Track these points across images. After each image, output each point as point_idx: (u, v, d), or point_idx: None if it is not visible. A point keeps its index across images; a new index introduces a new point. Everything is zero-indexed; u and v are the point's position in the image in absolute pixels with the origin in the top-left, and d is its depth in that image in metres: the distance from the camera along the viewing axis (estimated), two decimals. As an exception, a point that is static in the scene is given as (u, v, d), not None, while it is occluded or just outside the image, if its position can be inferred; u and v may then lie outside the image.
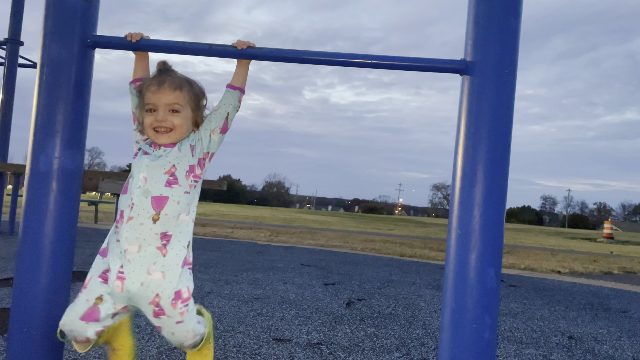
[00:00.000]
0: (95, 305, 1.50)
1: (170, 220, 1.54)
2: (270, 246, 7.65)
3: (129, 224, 1.51)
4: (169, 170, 1.57)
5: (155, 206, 1.53)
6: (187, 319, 1.54)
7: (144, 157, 1.60)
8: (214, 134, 1.66)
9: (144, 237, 1.51)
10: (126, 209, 1.53)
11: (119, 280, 1.50)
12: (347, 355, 2.23)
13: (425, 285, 4.64)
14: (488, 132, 1.61)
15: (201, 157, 1.64)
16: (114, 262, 1.52)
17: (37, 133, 1.68)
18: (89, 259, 4.57)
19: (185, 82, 1.64)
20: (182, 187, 1.57)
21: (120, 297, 1.51)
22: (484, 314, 1.59)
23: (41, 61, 1.70)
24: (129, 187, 1.56)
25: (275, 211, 41.50)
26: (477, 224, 1.60)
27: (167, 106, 1.58)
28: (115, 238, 1.55)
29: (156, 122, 1.58)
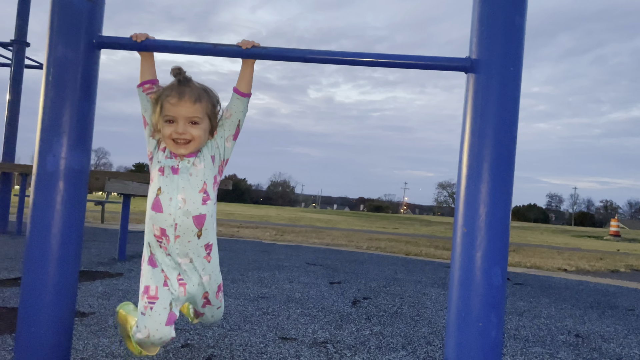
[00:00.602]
0: (171, 310, 1.67)
1: (209, 232, 1.71)
2: (276, 245, 7.66)
3: (177, 242, 1.66)
4: (202, 188, 1.67)
5: (197, 224, 1.67)
6: (223, 304, 1.87)
7: (176, 177, 1.67)
8: (227, 141, 1.74)
9: (193, 251, 1.68)
10: (169, 228, 1.65)
11: (181, 287, 1.70)
12: (353, 354, 2.24)
13: (430, 283, 4.63)
14: (494, 130, 1.61)
15: (220, 164, 1.75)
16: (171, 273, 1.69)
17: (44, 134, 1.69)
18: (96, 259, 4.60)
19: (203, 93, 1.69)
20: (212, 201, 1.70)
21: (182, 299, 1.71)
22: (490, 313, 1.58)
23: (47, 62, 1.71)
24: (165, 206, 1.64)
25: (281, 210, 41.55)
26: (482, 222, 1.60)
27: (187, 119, 1.64)
28: (162, 252, 1.69)
29: (176, 133, 1.63)
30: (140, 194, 4.93)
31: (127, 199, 4.84)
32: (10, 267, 3.85)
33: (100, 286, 3.35)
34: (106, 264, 4.40)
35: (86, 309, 2.69)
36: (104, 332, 2.29)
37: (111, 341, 2.16)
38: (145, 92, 1.75)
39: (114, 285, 3.41)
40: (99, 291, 3.18)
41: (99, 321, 2.47)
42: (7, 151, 6.85)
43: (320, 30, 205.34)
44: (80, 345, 2.06)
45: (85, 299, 2.91)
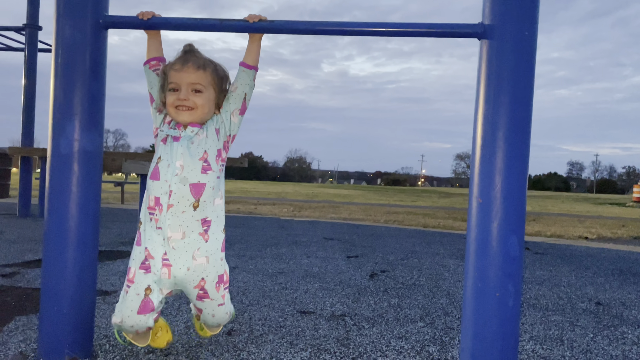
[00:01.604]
0: (146, 297, 1.55)
1: (208, 206, 1.59)
2: (294, 221, 7.71)
3: (170, 212, 1.55)
4: (202, 157, 1.60)
5: (195, 193, 1.57)
6: (227, 301, 1.67)
7: (175, 144, 1.61)
8: (233, 116, 1.68)
9: (187, 224, 1.56)
10: (163, 196, 1.56)
11: (165, 268, 1.56)
12: (371, 326, 2.25)
13: (449, 255, 4.63)
14: (508, 97, 1.57)
15: (225, 140, 1.68)
16: (156, 250, 1.57)
17: (56, 116, 1.70)
18: (117, 239, 4.68)
19: (209, 63, 1.66)
20: (215, 173, 1.62)
21: (167, 283, 1.57)
22: (507, 282, 1.57)
23: (55, 44, 1.71)
24: (163, 173, 1.58)
25: (298, 186, 41.69)
26: (498, 192, 1.57)
27: (190, 85, 1.60)
28: (153, 226, 1.58)
29: (178, 100, 1.59)
30: (157, 174, 4.98)
31: (145, 180, 4.89)
32: (34, 249, 3.94)
33: (121, 265, 3.42)
34: (127, 243, 4.48)
35: (108, 288, 2.75)
36: (126, 309, 2.34)
37: (133, 318, 2.20)
38: (151, 68, 1.74)
39: (135, 264, 3.47)
40: (120, 270, 3.24)
41: (121, 299, 2.52)
42: (26, 135, 6.95)
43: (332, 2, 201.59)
44: (103, 323, 2.11)
45: (107, 278, 2.97)
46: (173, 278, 1.57)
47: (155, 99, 1.71)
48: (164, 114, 1.70)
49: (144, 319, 1.55)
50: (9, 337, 1.90)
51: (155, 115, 1.72)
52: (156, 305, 1.57)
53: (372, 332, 2.17)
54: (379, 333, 2.16)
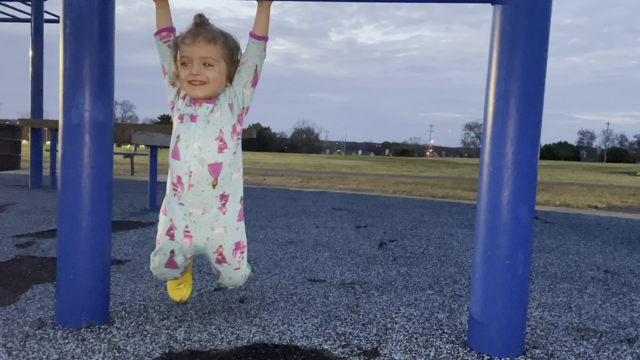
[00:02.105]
0: (171, 257, 1.75)
1: (226, 182, 1.69)
2: (302, 192, 7.74)
3: (191, 191, 1.66)
4: (218, 136, 1.66)
5: (213, 173, 1.66)
6: (242, 266, 1.79)
7: (193, 124, 1.66)
8: (245, 88, 1.70)
9: (207, 201, 1.67)
10: (184, 176, 1.65)
11: (186, 238, 1.71)
12: (381, 294, 2.29)
13: (457, 224, 4.64)
14: (521, 64, 1.54)
15: (239, 113, 1.72)
16: (179, 223, 1.70)
17: (67, 87, 1.70)
18: (128, 210, 4.73)
19: (220, 35, 1.66)
20: (230, 149, 1.68)
21: (189, 250, 1.73)
22: (517, 251, 1.58)
23: (63, 14, 1.69)
24: (182, 153, 1.65)
25: (306, 157, 41.69)
26: (509, 161, 1.57)
27: (201, 59, 1.62)
28: (176, 201, 1.69)
29: (190, 75, 1.62)
30: (166, 145, 4.99)
31: (154, 151, 4.91)
32: (47, 219, 4.00)
33: (134, 235, 3.47)
34: (138, 214, 4.53)
35: (122, 257, 2.80)
36: (140, 278, 2.39)
37: (147, 286, 2.25)
38: (162, 40, 1.73)
39: (147, 234, 3.52)
40: (133, 240, 3.29)
41: (135, 268, 2.57)
42: (35, 107, 6.97)
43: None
44: (118, 291, 2.16)
45: (120, 248, 3.02)
46: (194, 247, 1.72)
47: (168, 71, 1.72)
48: (178, 88, 1.72)
49: (171, 272, 1.80)
50: (27, 304, 1.95)
51: (169, 89, 1.74)
52: (180, 264, 1.78)
53: (382, 299, 2.20)
54: (388, 300, 2.19)
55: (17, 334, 1.65)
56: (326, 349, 1.64)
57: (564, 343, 1.78)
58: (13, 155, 10.25)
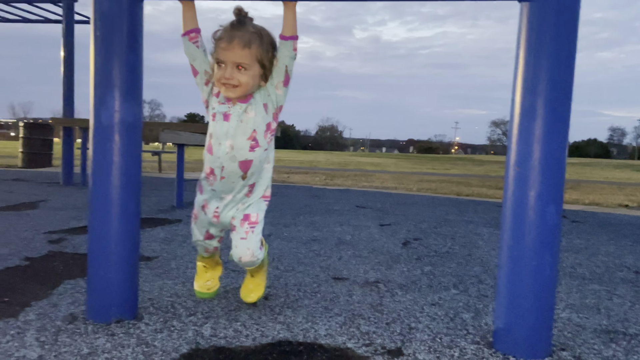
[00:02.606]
0: (207, 230, 1.93)
1: (255, 174, 1.81)
2: (326, 190, 7.75)
3: (222, 182, 1.80)
4: (250, 136, 1.75)
5: (243, 169, 1.77)
6: (249, 237, 1.82)
7: (225, 123, 1.75)
8: (277, 88, 1.76)
9: (236, 190, 1.82)
10: (217, 169, 1.78)
11: (215, 218, 1.87)
12: (405, 293, 2.28)
13: (483, 223, 4.59)
14: (549, 62, 1.52)
15: (274, 111, 1.78)
16: (212, 203, 1.87)
17: (97, 88, 1.74)
18: (156, 207, 4.82)
19: (255, 37, 1.69)
20: (262, 147, 1.78)
21: (218, 225, 1.90)
22: (544, 252, 1.56)
23: (94, 17, 1.74)
24: (215, 150, 1.76)
25: (329, 155, 41.68)
26: (536, 160, 1.54)
27: (235, 63, 1.68)
28: (209, 186, 1.84)
29: (224, 78, 1.69)
30: (192, 143, 5.06)
31: (181, 149, 4.98)
32: (78, 216, 4.11)
33: (161, 232, 3.53)
34: (166, 211, 4.61)
35: (150, 254, 2.86)
36: (168, 274, 2.44)
37: (174, 283, 2.30)
38: (191, 40, 1.76)
39: (174, 231, 3.59)
40: (160, 237, 3.36)
41: (162, 264, 2.62)
42: (67, 106, 7.15)
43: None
44: (146, 287, 2.20)
45: (148, 244, 3.09)
46: (221, 223, 1.88)
47: (200, 72, 1.78)
48: (211, 86, 1.78)
49: (209, 242, 1.96)
50: (59, 299, 2.01)
51: (202, 87, 1.79)
52: (215, 235, 1.94)
53: (406, 298, 2.20)
54: (412, 299, 2.19)
55: (50, 329, 1.70)
56: (350, 348, 1.65)
57: (592, 345, 1.75)
58: (46, 153, 10.54)
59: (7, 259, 2.61)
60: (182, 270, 2.52)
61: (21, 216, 4.00)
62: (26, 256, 2.69)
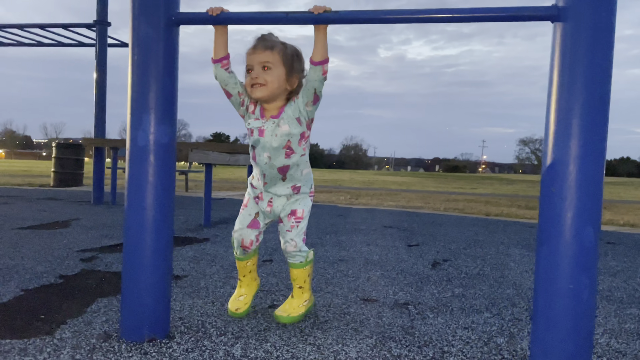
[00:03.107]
0: (255, 218, 2.10)
1: (295, 176, 2.00)
2: (351, 209, 7.73)
3: (267, 186, 2.03)
4: (285, 145, 1.92)
5: (281, 172, 1.98)
6: (294, 231, 2.04)
7: (261, 138, 1.93)
8: (307, 106, 1.89)
9: (282, 190, 2.03)
10: (261, 175, 2.02)
11: (269, 207, 2.06)
12: (436, 315, 2.24)
13: (514, 244, 4.50)
14: (584, 82, 1.50)
15: (306, 122, 1.94)
16: (265, 196, 2.06)
17: (134, 110, 1.79)
18: (184, 226, 4.88)
19: (279, 44, 1.90)
20: (298, 153, 1.96)
21: (269, 215, 2.08)
22: (581, 275, 1.52)
23: (131, 42, 1.79)
24: (258, 160, 1.98)
25: (354, 174, 41.64)
26: (573, 181, 1.51)
27: (260, 64, 1.86)
28: (261, 184, 2.05)
29: (252, 79, 1.86)
30: (220, 162, 5.13)
31: (209, 168, 5.06)
32: (109, 234, 4.19)
33: (190, 251, 3.57)
34: (193, 230, 4.66)
35: (179, 272, 2.89)
36: (197, 293, 2.45)
37: (204, 302, 2.31)
38: (223, 67, 1.89)
39: (202, 250, 3.62)
40: (189, 255, 3.39)
41: (192, 283, 2.65)
42: (99, 127, 7.35)
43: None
44: (177, 306, 2.22)
45: (178, 263, 3.12)
46: (272, 212, 2.07)
47: (233, 94, 1.92)
48: (246, 105, 1.94)
49: (250, 232, 2.09)
50: (92, 318, 2.04)
51: (239, 108, 1.96)
52: (261, 226, 2.10)
53: (437, 321, 2.16)
54: (444, 322, 2.15)
55: (85, 346, 1.73)
56: (382, 371, 1.62)
57: (635, 373, 1.68)
58: (76, 172, 10.82)
59: (43, 277, 2.67)
60: (211, 290, 2.53)
61: (55, 234, 4.10)
62: (60, 274, 2.75)
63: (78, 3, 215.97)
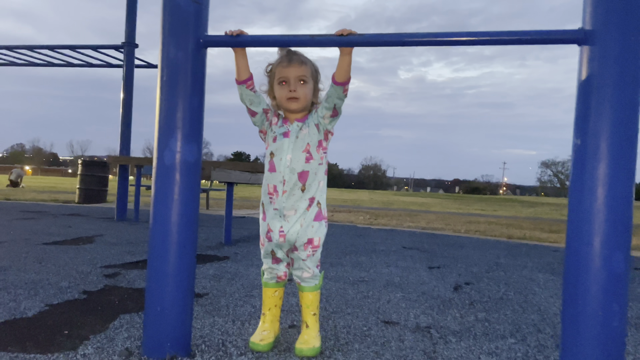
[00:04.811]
0: (273, 256, 2.03)
1: (312, 186, 1.96)
2: (371, 229, 7.69)
3: (284, 196, 1.94)
4: (305, 149, 1.94)
5: (301, 180, 1.94)
6: (309, 260, 2.00)
7: (286, 139, 1.95)
8: (324, 119, 1.94)
9: (298, 204, 1.95)
10: (279, 184, 1.95)
11: (281, 237, 1.97)
12: (459, 340, 2.20)
13: (537, 268, 4.41)
14: (612, 105, 1.49)
15: (324, 131, 1.97)
16: (274, 225, 1.97)
17: (161, 130, 1.83)
18: (204, 243, 4.91)
19: (307, 59, 1.97)
20: (316, 160, 1.95)
21: (284, 245, 1.99)
22: (611, 302, 1.48)
23: (161, 63, 1.84)
24: (277, 165, 1.95)
25: (373, 194, 41.46)
26: (601, 205, 1.49)
27: (297, 78, 1.92)
28: (272, 206, 1.98)
29: (289, 92, 1.91)
30: (241, 181, 5.18)
31: (231, 187, 5.10)
32: (132, 251, 4.24)
33: (211, 269, 3.59)
34: (214, 247, 4.69)
35: (200, 290, 2.90)
36: (218, 312, 2.46)
37: (225, 320, 2.31)
38: (248, 88, 1.92)
39: (223, 268, 3.63)
40: (210, 273, 3.41)
41: (213, 301, 2.65)
42: (124, 145, 7.49)
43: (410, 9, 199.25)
44: (198, 324, 2.23)
45: (198, 281, 3.13)
46: (288, 241, 1.98)
47: (259, 112, 1.96)
48: (270, 119, 1.98)
49: (277, 267, 2.04)
50: (115, 334, 2.06)
51: (263, 123, 2.00)
52: (282, 259, 2.03)
53: (460, 346, 2.12)
54: (467, 348, 2.11)
55: (108, 362, 1.74)
56: (404, 396, 1.59)
57: (668, 406, 1.62)
58: (101, 189, 11.01)
59: (67, 292, 2.70)
60: (231, 308, 2.53)
61: (79, 250, 4.17)
62: (84, 289, 2.79)
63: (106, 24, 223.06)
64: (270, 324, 2.04)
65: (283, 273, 2.06)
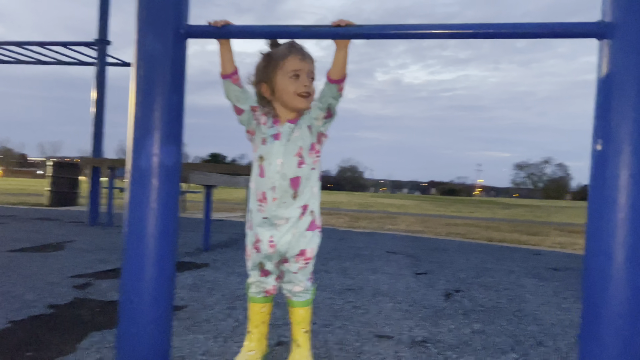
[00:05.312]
0: (262, 268, 1.85)
1: (305, 194, 1.78)
2: (352, 232, 7.56)
3: (275, 204, 1.77)
4: (297, 152, 1.75)
5: (293, 186, 1.76)
6: (301, 273, 1.82)
7: (276, 142, 1.76)
8: (318, 120, 1.75)
9: (290, 212, 1.77)
10: (269, 191, 1.77)
11: (271, 248, 1.79)
12: (459, 356, 2.07)
13: (524, 273, 4.33)
14: (635, 102, 1.37)
15: (317, 134, 1.80)
16: (263, 234, 1.80)
17: (137, 130, 1.64)
18: (182, 249, 4.70)
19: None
20: (309, 165, 1.77)
21: (273, 256, 1.82)
22: (635, 320, 1.36)
23: (137, 56, 1.65)
24: (267, 170, 1.76)
25: (351, 196, 41.47)
26: (623, 214, 1.37)
27: (309, 74, 1.76)
28: (261, 215, 1.80)
29: (303, 87, 1.73)
30: (221, 184, 4.98)
31: (209, 190, 4.90)
32: (105, 258, 4.00)
33: (189, 277, 3.39)
34: (192, 254, 4.48)
35: (178, 302, 2.71)
36: (199, 327, 2.27)
37: (206, 337, 2.13)
38: (234, 82, 1.74)
39: (202, 277, 3.44)
40: (188, 283, 3.21)
41: (192, 315, 2.47)
42: (96, 146, 7.20)
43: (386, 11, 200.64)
44: (177, 342, 2.04)
45: (176, 292, 2.94)
46: (277, 252, 1.80)
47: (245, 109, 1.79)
48: (258, 120, 1.79)
49: (266, 280, 1.86)
50: (85, 355, 1.87)
51: (250, 122, 1.80)
52: (271, 271, 1.85)
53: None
54: (468, 364, 1.97)
55: (75, 391, 1.55)
56: None
57: None
58: (72, 192, 10.63)
59: (32, 306, 2.48)
60: (213, 323, 2.35)
61: (47, 258, 3.91)
62: (51, 303, 2.57)
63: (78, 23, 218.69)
64: (257, 342, 1.88)
65: (272, 287, 1.87)
